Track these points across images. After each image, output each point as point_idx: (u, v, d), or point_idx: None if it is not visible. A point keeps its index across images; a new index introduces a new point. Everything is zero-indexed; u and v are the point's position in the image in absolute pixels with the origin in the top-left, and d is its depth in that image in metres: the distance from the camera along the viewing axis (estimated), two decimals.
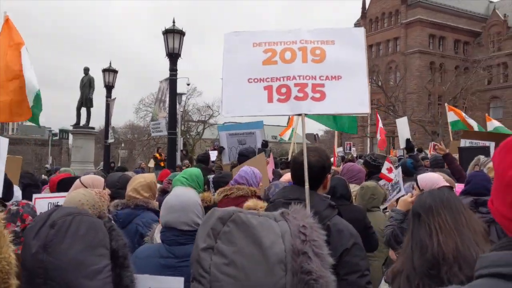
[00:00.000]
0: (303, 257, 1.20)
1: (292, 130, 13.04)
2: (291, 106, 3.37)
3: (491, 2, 56.55)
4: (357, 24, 58.64)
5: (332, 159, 15.73)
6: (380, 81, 45.92)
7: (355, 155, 19.83)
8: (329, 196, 2.93)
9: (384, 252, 4.90)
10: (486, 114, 18.57)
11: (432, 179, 4.01)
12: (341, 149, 22.56)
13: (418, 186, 3.99)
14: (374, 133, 47.20)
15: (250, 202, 3.53)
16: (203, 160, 9.23)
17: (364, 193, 5.08)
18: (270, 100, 3.37)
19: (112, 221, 3.71)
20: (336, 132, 16.93)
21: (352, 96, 3.47)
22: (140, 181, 4.06)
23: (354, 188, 5.32)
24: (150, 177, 4.24)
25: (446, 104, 15.53)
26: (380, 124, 16.13)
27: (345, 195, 4.59)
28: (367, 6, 57.29)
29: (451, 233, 2.23)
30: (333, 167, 9.60)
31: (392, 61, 52.74)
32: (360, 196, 5.11)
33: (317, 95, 3.38)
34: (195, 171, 5.20)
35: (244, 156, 6.78)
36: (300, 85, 3.38)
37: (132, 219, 3.89)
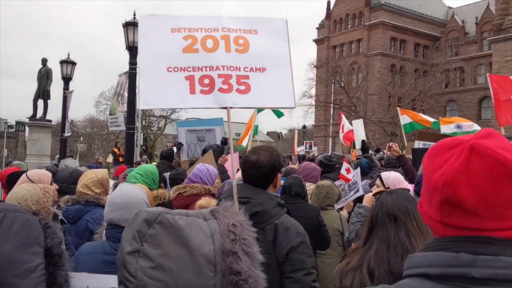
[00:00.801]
0: (233, 257, 1.18)
1: (256, 127, 13.00)
2: (215, 99, 3.23)
3: (450, 8, 58.23)
4: (321, 24, 59.31)
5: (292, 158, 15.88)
6: (343, 82, 46.65)
7: (316, 154, 20.00)
8: (278, 195, 2.95)
9: (337, 250, 4.99)
10: (440, 117, 19.28)
11: (398, 178, 4.14)
12: (302, 147, 22.75)
13: (383, 184, 4.09)
14: (336, 132, 47.98)
15: (203, 201, 3.51)
16: (167, 157, 9.08)
17: (319, 192, 5.15)
18: (192, 91, 3.19)
19: (60, 217, 3.66)
20: (296, 131, 17.08)
21: (277, 89, 3.38)
22: (91, 177, 3.97)
23: (309, 186, 5.39)
24: (101, 173, 4.15)
25: (398, 108, 15.96)
26: (343, 123, 16.18)
27: (300, 193, 4.65)
28: (331, 7, 57.91)
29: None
30: (291, 166, 9.68)
31: (355, 62, 53.55)
32: (315, 195, 5.18)
33: (242, 88, 3.26)
34: (150, 167, 5.14)
35: None
36: (224, 76, 3.24)
37: (82, 215, 3.81)
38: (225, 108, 3.28)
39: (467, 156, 0.99)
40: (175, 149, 9.99)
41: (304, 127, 42.70)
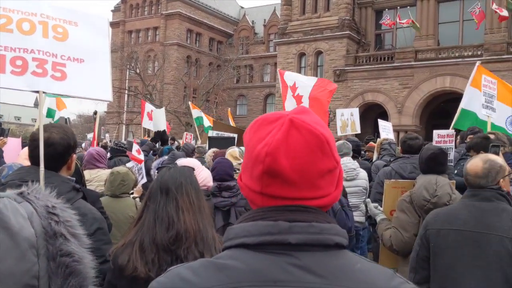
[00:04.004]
0: (61, 239, 1.13)
1: (53, 112, 12.13)
2: (27, 82, 3.11)
3: (242, 7, 62.25)
4: (117, 7, 57.24)
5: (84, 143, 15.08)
6: (138, 69, 45.91)
7: (108, 141, 19.41)
8: (74, 178, 2.71)
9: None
10: (229, 110, 20.78)
11: (192, 162, 4.18)
12: (91, 134, 21.88)
13: None
14: (129, 120, 46.93)
15: None
16: None
17: (114, 179, 4.91)
18: (2, 71, 3.03)
19: None
20: (98, 115, 16.46)
21: (95, 81, 3.43)
22: None
23: (97, 173, 5.19)
24: None
25: (190, 102, 16.69)
26: (148, 110, 15.91)
27: (77, 179, 4.41)
28: None
29: (195, 212, 2.34)
30: None
31: (151, 50, 53.16)
32: (109, 182, 4.93)
33: (58, 74, 3.21)
34: None
35: None
36: (39, 61, 3.16)
37: None
38: (37, 92, 3.17)
39: (287, 128, 1.05)
40: None
41: (95, 113, 40.66)
